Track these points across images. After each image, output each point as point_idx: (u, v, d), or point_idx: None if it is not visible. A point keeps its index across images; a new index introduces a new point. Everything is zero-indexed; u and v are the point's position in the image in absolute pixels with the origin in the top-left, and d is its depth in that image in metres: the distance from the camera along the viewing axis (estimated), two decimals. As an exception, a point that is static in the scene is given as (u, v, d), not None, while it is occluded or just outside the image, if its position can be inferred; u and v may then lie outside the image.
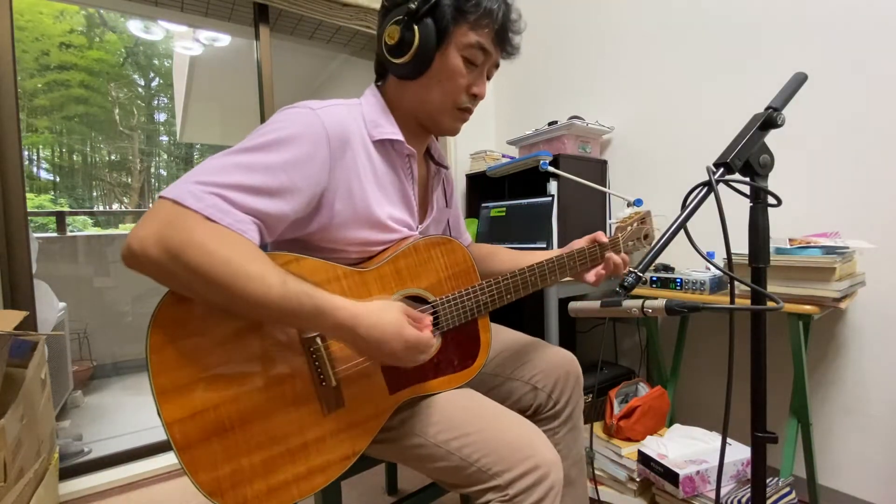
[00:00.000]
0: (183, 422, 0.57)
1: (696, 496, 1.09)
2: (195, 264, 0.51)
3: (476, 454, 0.65)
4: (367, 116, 0.73)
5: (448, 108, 0.75)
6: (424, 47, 0.69)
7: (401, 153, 0.76)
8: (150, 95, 8.80)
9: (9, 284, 1.34)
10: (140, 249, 0.52)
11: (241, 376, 0.61)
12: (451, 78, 0.72)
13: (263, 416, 0.61)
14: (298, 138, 0.62)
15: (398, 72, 0.74)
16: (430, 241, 0.78)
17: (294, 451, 0.63)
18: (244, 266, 0.53)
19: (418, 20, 0.68)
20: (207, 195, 0.54)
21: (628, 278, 0.57)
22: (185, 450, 0.58)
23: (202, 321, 0.59)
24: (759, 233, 0.62)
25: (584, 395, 0.93)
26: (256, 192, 0.58)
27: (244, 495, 0.60)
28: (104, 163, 8.29)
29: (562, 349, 0.93)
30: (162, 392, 0.57)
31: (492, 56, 0.74)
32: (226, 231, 0.54)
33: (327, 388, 0.66)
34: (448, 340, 0.78)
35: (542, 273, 0.82)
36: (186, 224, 0.52)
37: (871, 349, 1.22)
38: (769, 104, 0.61)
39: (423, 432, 0.70)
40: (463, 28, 0.70)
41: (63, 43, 6.63)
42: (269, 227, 0.61)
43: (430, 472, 0.71)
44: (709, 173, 0.58)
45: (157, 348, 0.57)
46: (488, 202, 1.90)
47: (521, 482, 0.62)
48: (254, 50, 1.85)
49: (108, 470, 1.52)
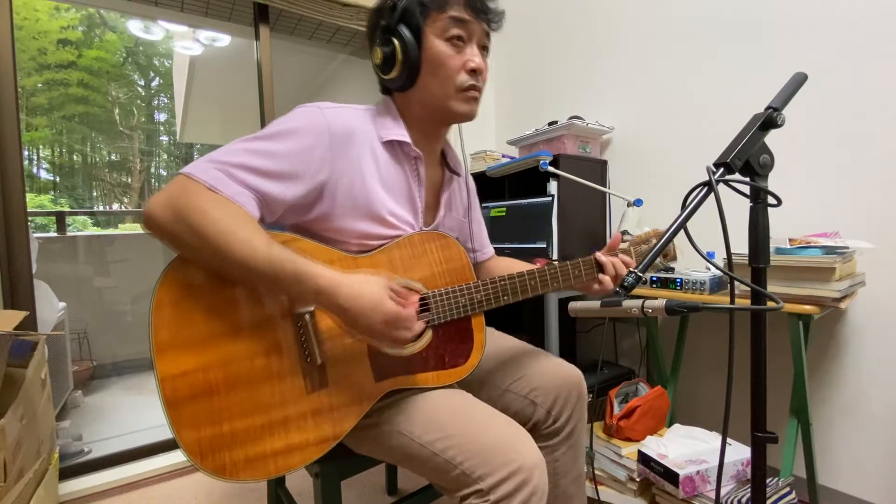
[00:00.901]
0: (174, 378, 0.61)
1: (696, 496, 1.09)
2: (194, 224, 0.59)
3: (459, 457, 0.64)
4: (378, 121, 0.78)
5: (452, 92, 0.75)
6: (407, 53, 0.73)
7: (408, 155, 0.80)
8: (150, 95, 8.81)
9: (9, 284, 1.34)
10: (151, 211, 0.60)
11: (233, 343, 0.64)
12: (442, 63, 0.74)
13: (249, 384, 0.64)
14: (301, 131, 0.68)
15: (396, 85, 0.77)
16: (425, 235, 0.79)
17: (274, 425, 0.65)
18: (234, 228, 0.60)
19: (393, 32, 0.73)
20: (214, 170, 0.62)
21: (628, 278, 0.57)
22: (173, 406, 0.61)
23: (203, 287, 0.64)
24: (759, 233, 0.62)
25: (587, 404, 0.89)
26: (258, 173, 0.64)
27: (222, 461, 0.62)
28: (104, 163, 8.29)
29: (566, 363, 0.90)
30: (159, 348, 0.61)
31: (472, 24, 0.74)
32: (225, 199, 0.61)
33: (312, 366, 0.68)
34: (439, 336, 0.77)
35: (542, 278, 0.80)
36: (191, 191, 0.60)
37: (871, 349, 1.22)
38: (769, 104, 0.61)
39: (409, 431, 0.69)
40: (433, 15, 0.73)
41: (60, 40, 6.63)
42: (268, 206, 0.67)
43: (418, 472, 0.71)
44: (709, 173, 0.58)
45: (160, 307, 0.62)
46: (488, 202, 1.90)
47: (504, 487, 0.61)
48: (254, 50, 1.85)
49: (108, 470, 1.52)
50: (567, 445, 0.86)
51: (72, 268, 2.93)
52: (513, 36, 2.23)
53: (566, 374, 0.87)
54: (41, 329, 1.74)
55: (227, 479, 0.62)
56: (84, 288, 2.90)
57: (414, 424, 0.70)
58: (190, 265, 0.64)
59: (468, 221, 0.97)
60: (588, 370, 1.65)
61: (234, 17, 1.91)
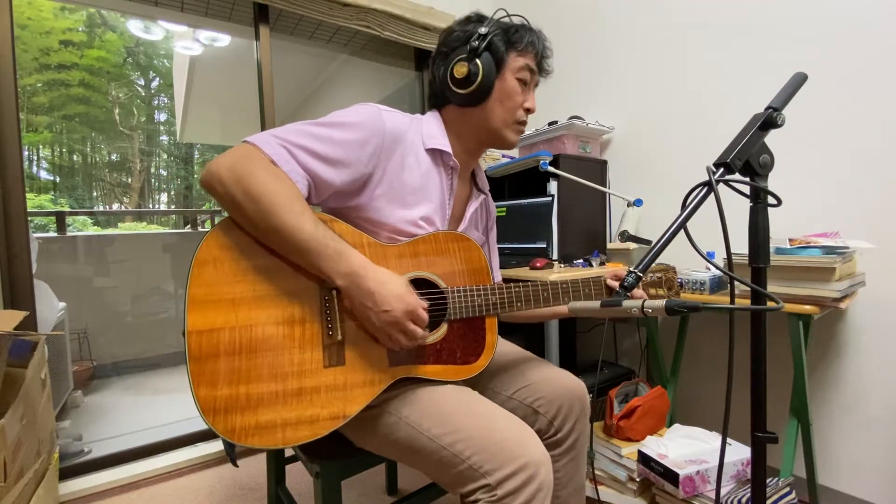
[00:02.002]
0: (200, 333, 0.64)
1: (696, 496, 1.09)
2: (252, 190, 0.64)
3: (468, 451, 0.65)
4: (425, 129, 0.85)
5: (510, 123, 0.86)
6: (487, 77, 0.82)
7: (446, 164, 0.87)
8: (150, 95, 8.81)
9: (9, 284, 1.34)
10: (215, 170, 0.66)
11: (262, 308, 0.68)
12: (511, 97, 0.85)
13: (271, 350, 0.67)
14: (360, 125, 0.75)
15: (464, 101, 0.85)
16: (449, 234, 0.84)
17: (289, 395, 0.67)
18: (289, 202, 0.65)
19: (479, 55, 0.82)
20: (279, 146, 0.68)
21: (628, 278, 0.57)
22: (196, 360, 0.63)
23: (243, 252, 0.68)
24: (759, 233, 0.62)
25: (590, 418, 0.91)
26: (316, 156, 0.71)
27: (232, 423, 0.64)
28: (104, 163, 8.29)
29: (570, 375, 0.92)
30: (192, 301, 0.65)
31: (535, 75, 0.88)
32: (283, 174, 0.67)
33: (333, 341, 0.70)
34: (453, 332, 0.79)
35: (554, 291, 0.84)
36: (255, 160, 0.66)
37: (871, 349, 1.22)
38: (769, 104, 0.61)
39: (417, 424, 0.71)
40: (513, 55, 0.84)
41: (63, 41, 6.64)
42: (318, 188, 0.73)
43: (421, 466, 0.72)
44: (709, 173, 0.58)
45: (200, 262, 0.66)
46: (488, 202, 1.90)
47: (510, 482, 0.62)
48: (254, 50, 1.85)
49: (108, 470, 1.52)
50: (569, 457, 0.87)
51: (72, 268, 2.93)
52: (513, 36, 2.23)
53: (570, 387, 0.88)
54: (41, 329, 1.74)
55: (235, 441, 0.63)
56: (84, 288, 2.90)
57: (422, 418, 0.71)
58: (234, 230, 0.68)
59: (487, 241, 1.03)
60: (588, 370, 1.66)
61: (234, 17, 1.91)
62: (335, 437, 0.83)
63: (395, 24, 2.01)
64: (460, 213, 0.93)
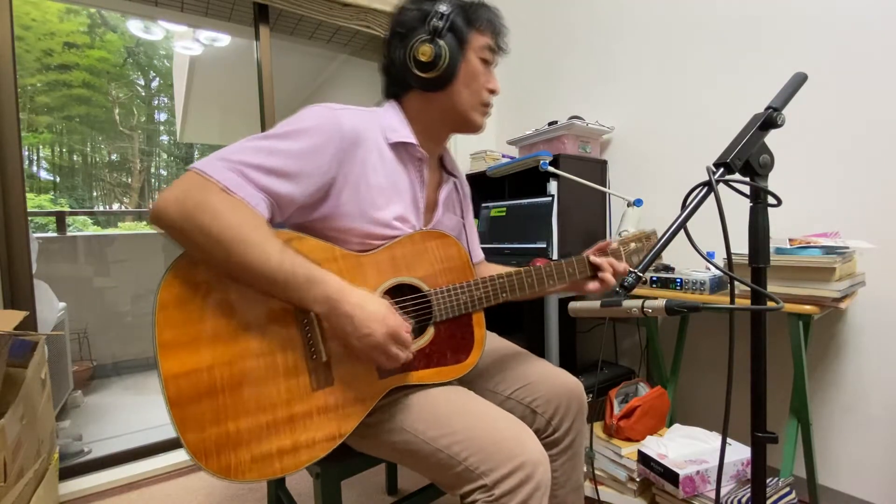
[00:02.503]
0: (178, 377, 0.61)
1: (696, 496, 1.09)
2: (206, 225, 0.59)
3: (464, 452, 0.65)
4: (386, 122, 0.80)
5: (476, 105, 0.83)
6: (453, 58, 0.78)
7: (413, 156, 0.82)
8: (150, 95, 8.81)
9: (9, 284, 1.34)
10: (163, 208, 0.60)
11: (238, 341, 0.64)
12: (475, 78, 0.81)
13: (254, 383, 0.64)
14: (314, 130, 0.69)
15: (428, 85, 0.80)
16: (426, 233, 0.81)
17: (280, 423, 0.64)
18: (248, 233, 0.60)
19: (442, 35, 0.77)
20: (226, 170, 0.62)
21: (628, 278, 0.57)
22: (177, 405, 0.60)
23: (208, 285, 0.64)
24: (759, 233, 0.62)
25: (587, 416, 0.90)
26: (271, 172, 0.65)
27: (227, 461, 0.61)
28: (104, 163, 8.29)
29: (567, 374, 0.91)
30: (163, 347, 0.61)
31: (496, 56, 0.84)
32: (238, 202, 0.62)
33: (318, 364, 0.68)
34: (441, 333, 0.78)
35: (538, 276, 0.83)
36: (204, 191, 0.60)
37: (871, 349, 1.22)
38: (769, 104, 0.61)
39: (413, 428, 0.70)
40: (474, 34, 0.80)
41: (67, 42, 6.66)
42: (280, 207, 0.68)
43: (419, 469, 0.71)
44: (709, 173, 0.58)
45: (164, 306, 0.62)
46: (488, 202, 1.90)
47: (508, 482, 0.62)
48: (254, 50, 1.85)
49: (108, 470, 1.52)
50: (566, 456, 0.87)
51: (72, 268, 2.93)
52: (513, 36, 2.22)
53: (568, 386, 0.88)
54: (41, 329, 1.74)
55: (232, 479, 0.62)
56: (84, 288, 2.90)
57: (418, 421, 0.70)
58: (194, 264, 0.64)
59: (464, 223, 1.00)
60: (588, 370, 1.66)
61: (234, 17, 1.91)
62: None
63: (395, 24, 2.01)
64: (433, 201, 0.89)
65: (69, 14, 6.52)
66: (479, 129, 0.86)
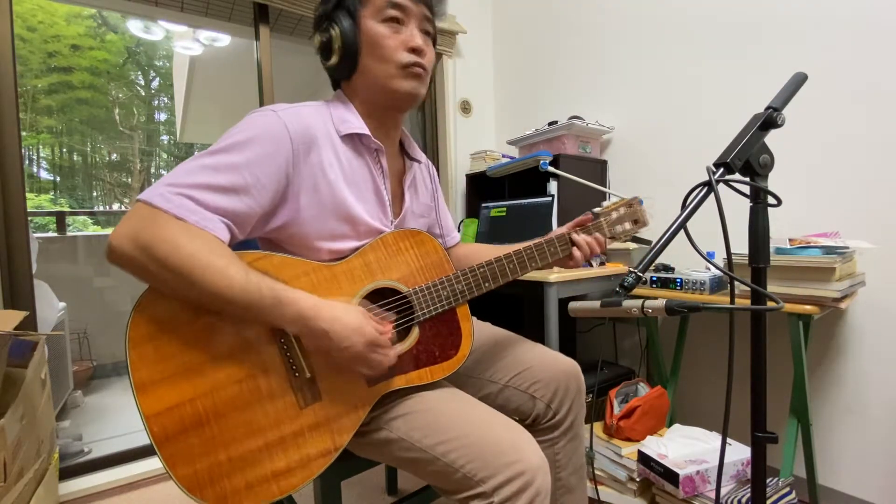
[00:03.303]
0: (160, 415, 0.59)
1: (696, 496, 1.09)
2: (163, 258, 0.56)
3: (461, 459, 0.64)
4: (335, 115, 0.76)
5: (392, 71, 0.74)
6: (344, 37, 0.73)
7: (369, 147, 0.78)
8: (150, 95, 8.81)
9: (9, 284, 1.34)
10: (117, 246, 0.57)
11: (217, 370, 0.62)
12: (379, 43, 0.73)
13: (239, 409, 0.62)
14: (259, 138, 0.66)
15: (340, 73, 0.78)
16: (397, 234, 0.79)
17: (271, 446, 0.63)
18: (208, 259, 0.57)
19: (331, 19, 0.74)
20: (176, 196, 0.59)
21: (628, 278, 0.57)
22: (164, 444, 0.59)
23: (178, 317, 0.62)
24: (759, 233, 0.62)
25: (585, 396, 0.90)
26: (222, 190, 0.62)
27: (223, 491, 0.60)
28: (104, 163, 8.29)
29: (563, 356, 0.91)
30: (140, 386, 0.59)
31: (408, 8, 0.75)
32: (193, 228, 0.59)
33: (301, 381, 0.66)
34: (426, 332, 0.77)
35: (520, 260, 0.80)
36: (157, 222, 0.57)
37: (871, 349, 1.22)
38: (769, 104, 0.61)
39: (410, 436, 0.69)
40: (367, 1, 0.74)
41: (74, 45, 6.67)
42: (239, 225, 0.65)
43: (419, 475, 0.71)
44: (709, 173, 0.58)
45: (136, 344, 0.59)
46: (488, 202, 1.90)
47: (506, 489, 0.61)
48: (254, 50, 1.85)
49: (108, 470, 1.52)
50: (567, 438, 0.87)
51: (72, 268, 2.93)
52: (513, 36, 2.23)
53: (564, 367, 0.88)
54: (41, 329, 1.74)
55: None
56: (84, 288, 2.90)
57: (414, 429, 0.69)
58: (160, 298, 0.61)
59: (435, 206, 0.96)
60: (588, 370, 1.66)
61: (234, 17, 1.91)
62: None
63: (395, 24, 2.00)
64: (399, 190, 0.86)
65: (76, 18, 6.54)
66: (413, 96, 0.77)
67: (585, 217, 0.88)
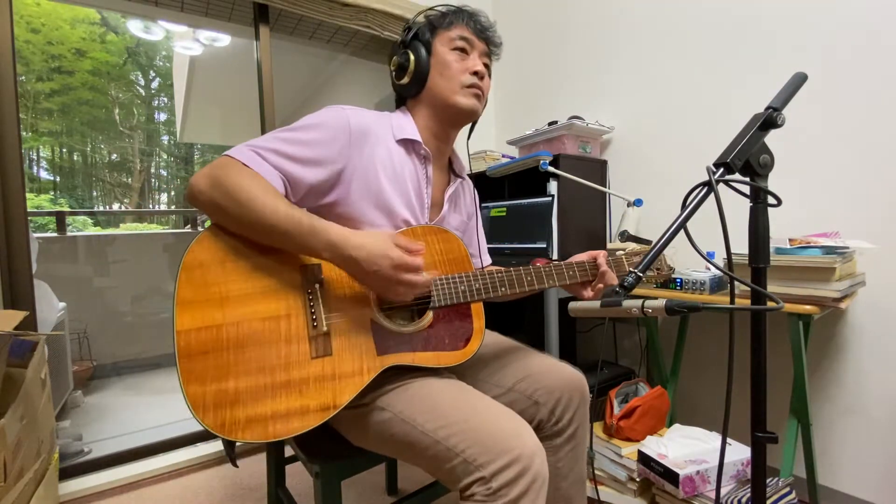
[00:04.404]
0: (189, 332, 0.66)
1: (696, 496, 1.09)
2: (229, 188, 0.68)
3: (462, 444, 0.65)
4: (395, 122, 0.88)
5: (456, 88, 0.87)
6: (419, 58, 0.87)
7: (418, 153, 0.89)
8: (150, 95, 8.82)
9: (9, 284, 1.34)
10: (195, 182, 0.71)
11: (248, 304, 0.69)
12: (448, 66, 0.87)
13: (257, 344, 0.68)
14: (325, 124, 0.79)
15: (409, 91, 0.90)
16: (426, 228, 0.85)
17: (277, 387, 0.67)
18: (261, 192, 0.69)
19: (407, 46, 0.89)
20: (249, 152, 0.73)
21: (628, 278, 0.57)
22: (185, 358, 0.65)
23: (227, 254, 0.71)
24: (759, 233, 0.62)
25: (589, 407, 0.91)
26: (286, 157, 0.75)
27: (223, 418, 0.64)
28: (104, 163, 8.29)
29: (569, 366, 0.92)
30: (181, 303, 0.67)
31: (474, 42, 0.89)
32: (256, 174, 0.72)
33: (318, 332, 0.72)
34: (440, 319, 0.80)
35: (538, 274, 0.84)
36: (229, 166, 0.71)
37: (871, 349, 1.22)
38: (769, 104, 0.61)
39: (412, 419, 0.71)
40: (441, 32, 0.89)
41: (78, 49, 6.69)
42: (293, 186, 0.77)
43: (418, 462, 0.72)
44: (709, 173, 0.58)
45: (187, 267, 0.68)
46: (488, 202, 1.90)
47: (505, 474, 0.62)
48: (254, 50, 1.85)
49: (108, 470, 1.52)
50: (569, 447, 0.87)
51: (72, 268, 2.93)
52: (513, 36, 2.23)
53: (569, 377, 0.88)
54: (41, 329, 1.74)
55: (225, 435, 0.63)
56: (84, 288, 2.90)
57: (416, 413, 0.71)
58: (219, 234, 0.71)
59: (475, 226, 1.05)
60: (588, 370, 1.65)
61: (234, 17, 1.91)
62: (334, 435, 0.83)
63: (395, 24, 2.01)
64: (439, 199, 0.94)
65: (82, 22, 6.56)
66: (472, 112, 0.89)
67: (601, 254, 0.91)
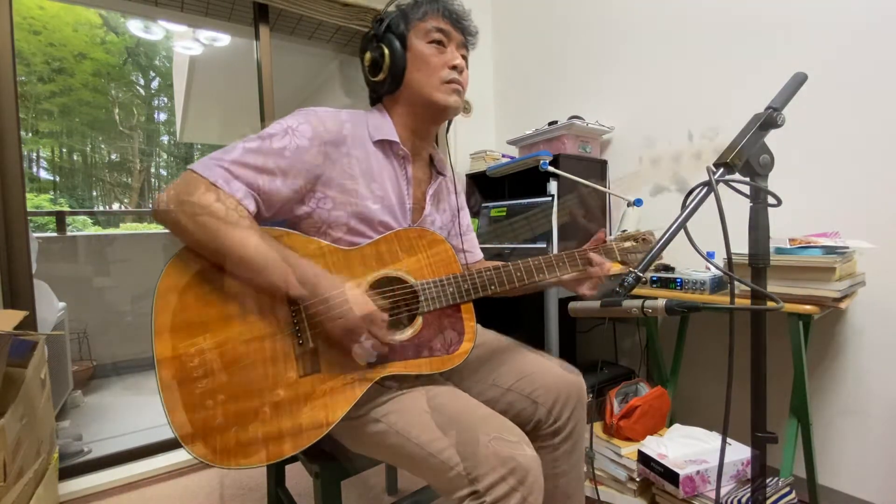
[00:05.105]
0: (171, 360, 0.63)
1: (696, 496, 1.09)
2: (194, 214, 0.65)
3: (456, 457, 0.65)
4: (371, 122, 0.84)
5: (435, 84, 0.83)
6: (394, 53, 0.81)
7: (397, 154, 0.85)
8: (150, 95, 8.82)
9: (9, 284, 1.34)
10: (162, 202, 0.67)
11: (229, 327, 0.67)
12: (426, 61, 0.82)
13: (242, 367, 0.66)
14: (296, 131, 0.75)
15: (387, 87, 0.85)
16: (411, 231, 0.83)
17: (267, 409, 0.66)
18: (229, 221, 0.66)
19: (381, 40, 0.83)
20: (217, 168, 0.69)
21: (628, 278, 0.57)
22: (168, 388, 0.62)
23: (204, 275, 0.68)
24: (759, 233, 0.62)
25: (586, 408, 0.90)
26: (256, 169, 0.71)
27: (213, 445, 0.62)
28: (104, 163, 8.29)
29: (567, 365, 0.91)
30: (160, 331, 0.64)
31: (451, 34, 0.84)
32: (224, 195, 0.68)
33: (304, 350, 0.70)
34: (430, 323, 0.78)
35: (527, 269, 0.82)
36: (196, 186, 0.67)
37: (871, 349, 1.22)
38: (769, 104, 0.61)
39: (406, 431, 0.70)
40: (415, 24, 0.83)
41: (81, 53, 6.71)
42: (267, 202, 0.73)
43: (415, 472, 0.71)
44: (709, 173, 0.58)
45: (162, 293, 0.66)
46: (488, 202, 1.90)
47: (499, 488, 0.61)
48: (254, 50, 1.85)
49: (108, 470, 1.52)
50: (567, 445, 0.87)
51: (72, 268, 2.93)
52: (513, 36, 2.23)
53: (567, 377, 0.88)
54: (41, 329, 1.74)
55: (218, 464, 0.62)
56: (84, 288, 2.90)
57: (410, 425, 0.70)
58: (192, 257, 0.68)
59: (458, 221, 1.01)
60: (588, 370, 1.66)
61: (234, 17, 1.91)
62: (334, 439, 0.83)
63: (395, 24, 2.01)
64: (421, 200, 0.91)
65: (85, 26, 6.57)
66: (453, 108, 0.85)
67: (600, 236, 0.89)
